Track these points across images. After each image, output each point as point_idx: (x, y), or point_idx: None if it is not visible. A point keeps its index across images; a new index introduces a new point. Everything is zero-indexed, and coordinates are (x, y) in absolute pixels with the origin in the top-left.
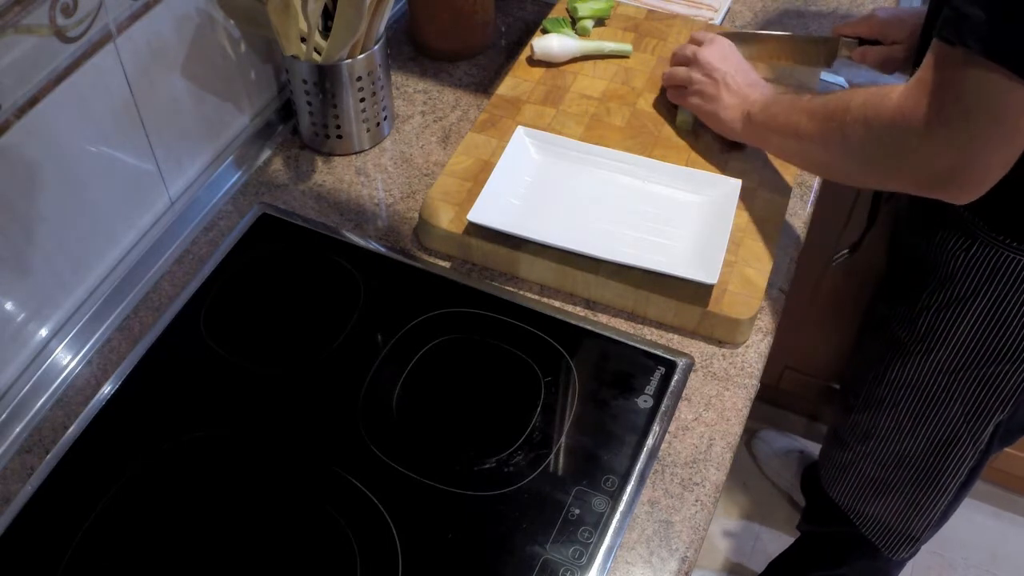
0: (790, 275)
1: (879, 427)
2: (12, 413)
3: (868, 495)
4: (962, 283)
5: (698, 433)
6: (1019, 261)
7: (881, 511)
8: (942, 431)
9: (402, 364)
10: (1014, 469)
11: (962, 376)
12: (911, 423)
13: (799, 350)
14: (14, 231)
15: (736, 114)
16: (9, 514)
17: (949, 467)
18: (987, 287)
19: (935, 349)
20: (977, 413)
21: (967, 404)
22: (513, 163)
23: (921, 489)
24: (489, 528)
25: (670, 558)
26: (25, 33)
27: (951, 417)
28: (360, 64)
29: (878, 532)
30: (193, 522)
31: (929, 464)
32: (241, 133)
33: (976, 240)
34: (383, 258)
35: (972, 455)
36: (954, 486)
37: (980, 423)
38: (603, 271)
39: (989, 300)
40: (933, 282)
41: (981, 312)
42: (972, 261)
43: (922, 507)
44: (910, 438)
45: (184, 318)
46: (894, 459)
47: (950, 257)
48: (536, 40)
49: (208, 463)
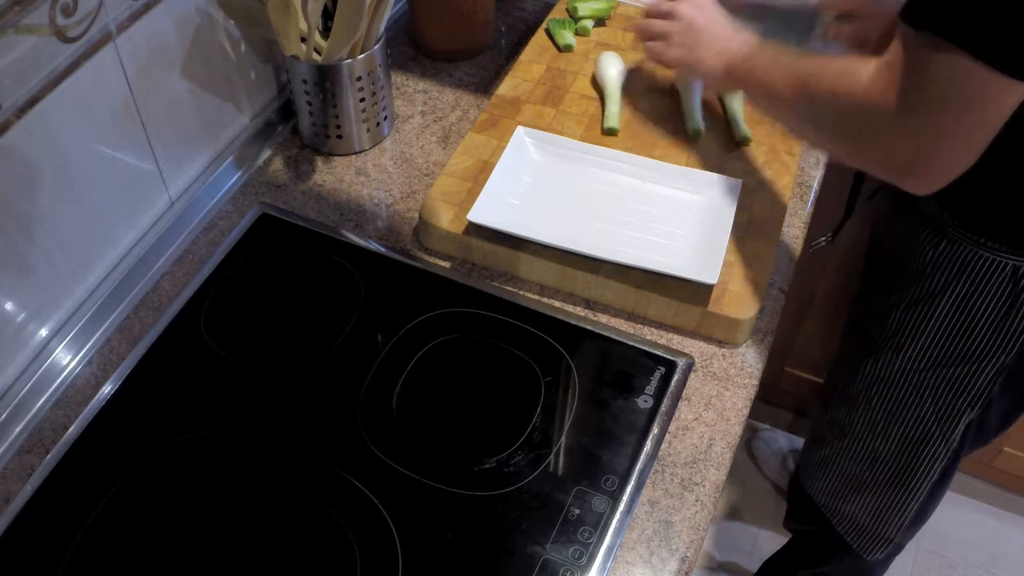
0: (790, 275)
1: (854, 424)
2: (12, 413)
3: (844, 493)
4: (931, 279)
5: (698, 433)
6: (987, 259)
7: (856, 510)
8: (914, 430)
9: (402, 364)
10: (1014, 469)
11: (931, 375)
12: (884, 421)
13: (799, 350)
14: (14, 231)
15: (717, 63)
16: (9, 514)
17: (921, 467)
18: (955, 284)
19: (905, 346)
20: (947, 413)
21: (937, 403)
22: (513, 163)
23: (894, 489)
24: (489, 528)
25: (670, 558)
26: (25, 33)
27: (922, 416)
28: (360, 64)
29: (853, 532)
30: (193, 522)
31: (901, 463)
32: (241, 133)
33: (945, 236)
34: (383, 258)
35: (944, 454)
36: (926, 486)
37: (951, 423)
38: (603, 271)
39: (957, 297)
40: (904, 278)
41: (949, 310)
42: (941, 257)
43: (895, 507)
44: (883, 437)
45: (184, 318)
46: (868, 457)
47: (920, 253)
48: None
49: (208, 463)
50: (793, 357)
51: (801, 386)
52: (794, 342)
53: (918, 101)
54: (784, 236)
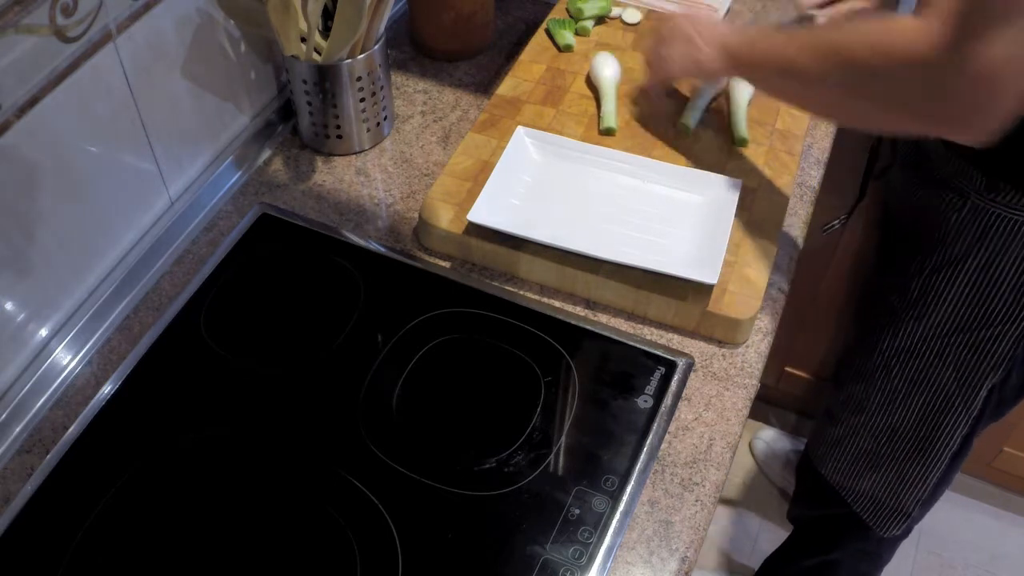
0: (790, 275)
1: (871, 399)
2: (12, 413)
3: (860, 469)
4: (954, 244)
5: (698, 433)
6: (1010, 219)
7: (872, 486)
8: (935, 398)
9: (402, 364)
10: (1014, 469)
11: (954, 340)
12: (904, 392)
13: (799, 350)
14: (14, 231)
15: (714, 50)
16: (9, 514)
17: (942, 435)
18: (978, 247)
19: (927, 314)
20: (970, 377)
21: (960, 369)
22: (513, 163)
23: (913, 461)
24: (489, 528)
25: (670, 558)
26: (25, 33)
27: (944, 382)
28: (360, 64)
29: (869, 508)
30: (193, 522)
31: (921, 433)
32: (241, 133)
33: (967, 199)
34: (383, 258)
35: (965, 422)
36: (947, 455)
37: (973, 388)
38: (603, 271)
39: (981, 261)
40: (925, 246)
41: (973, 273)
42: (964, 221)
43: (914, 480)
44: (902, 408)
45: (184, 318)
46: (886, 430)
47: (941, 219)
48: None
49: (208, 463)
50: (793, 357)
51: (801, 386)
52: (794, 342)
53: (979, 21)
54: (784, 236)
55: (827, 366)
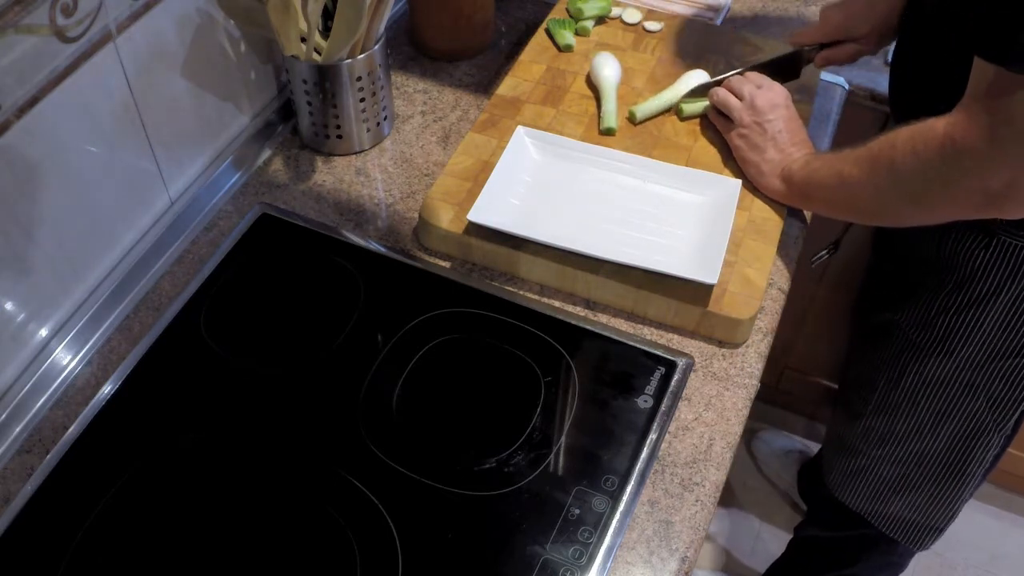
0: (790, 275)
1: (896, 430)
2: (12, 413)
3: (886, 496)
4: (982, 282)
5: (698, 433)
6: None
7: (902, 509)
8: (967, 425)
9: (402, 364)
10: (1014, 469)
11: (986, 370)
12: (932, 421)
13: (799, 350)
14: (14, 231)
15: (776, 170)
16: (9, 514)
17: (974, 458)
18: (1009, 284)
19: (957, 349)
20: (1002, 404)
21: (992, 397)
22: (513, 163)
23: (946, 483)
24: (489, 528)
25: (670, 558)
26: (25, 33)
27: (975, 411)
28: (360, 64)
29: (899, 529)
30: (193, 522)
31: (954, 457)
32: (241, 133)
33: (994, 238)
34: (383, 258)
35: (998, 443)
36: (980, 473)
37: (1005, 413)
38: (603, 271)
39: (1012, 296)
40: (950, 283)
41: (1004, 309)
42: (992, 260)
43: (947, 500)
44: (931, 436)
45: (184, 318)
46: (914, 458)
47: (968, 257)
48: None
49: (208, 463)
50: (794, 357)
51: (801, 386)
52: (795, 342)
53: (1008, 134)
54: (784, 236)
55: (827, 367)
